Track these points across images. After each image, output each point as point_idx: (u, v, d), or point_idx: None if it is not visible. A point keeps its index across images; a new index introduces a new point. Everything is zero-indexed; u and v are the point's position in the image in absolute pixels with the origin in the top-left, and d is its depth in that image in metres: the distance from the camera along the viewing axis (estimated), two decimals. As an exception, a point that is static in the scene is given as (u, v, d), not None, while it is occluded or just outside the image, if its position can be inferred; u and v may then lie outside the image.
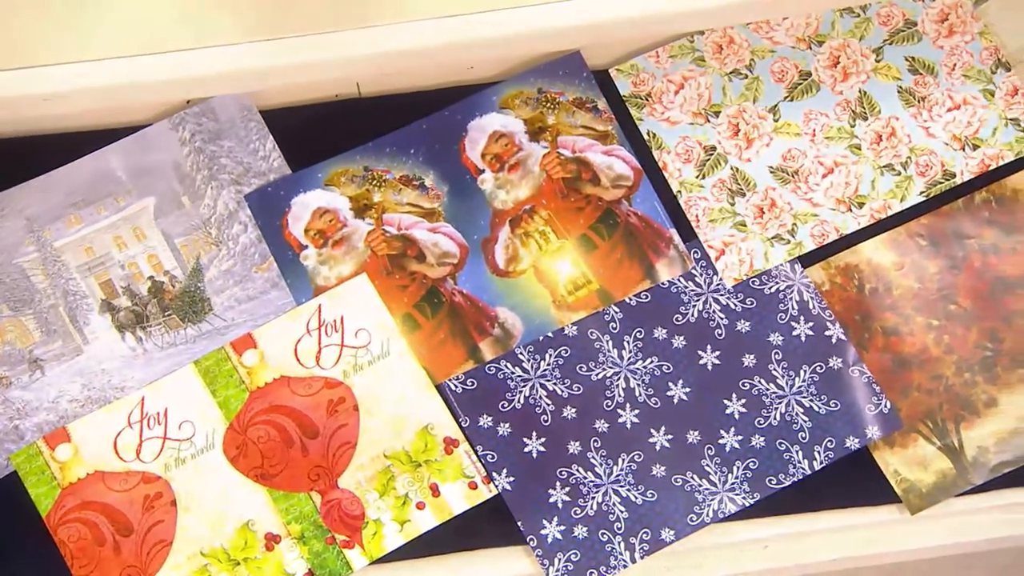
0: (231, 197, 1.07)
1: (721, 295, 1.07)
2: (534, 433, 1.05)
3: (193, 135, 1.07)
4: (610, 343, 1.06)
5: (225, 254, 1.06)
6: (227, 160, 1.07)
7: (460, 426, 1.05)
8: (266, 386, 1.04)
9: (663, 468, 1.04)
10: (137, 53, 1.00)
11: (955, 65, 1.09)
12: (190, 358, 1.04)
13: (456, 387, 1.05)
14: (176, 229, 1.06)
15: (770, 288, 1.07)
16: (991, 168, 1.08)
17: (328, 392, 1.04)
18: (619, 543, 1.03)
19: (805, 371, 1.05)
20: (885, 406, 1.04)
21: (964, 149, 1.08)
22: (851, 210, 1.07)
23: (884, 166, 1.08)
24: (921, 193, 1.07)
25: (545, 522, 1.04)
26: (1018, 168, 1.08)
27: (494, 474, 1.04)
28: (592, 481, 1.04)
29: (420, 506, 1.03)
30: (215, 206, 1.07)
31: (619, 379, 1.06)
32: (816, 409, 1.04)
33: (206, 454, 1.03)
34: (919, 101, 1.08)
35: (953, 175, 1.07)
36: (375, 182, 1.08)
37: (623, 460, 1.04)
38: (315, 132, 1.09)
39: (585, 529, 1.03)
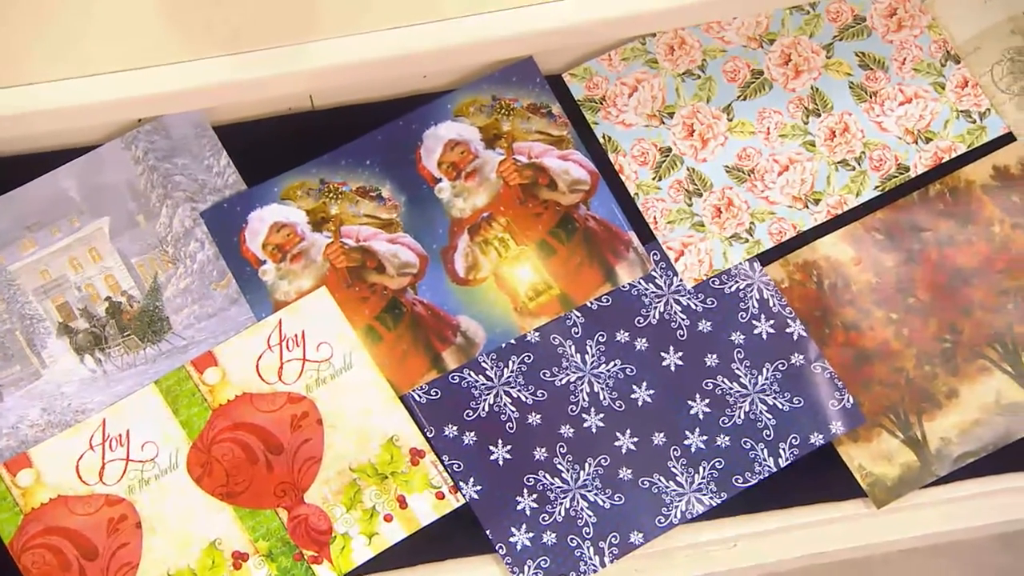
0: (187, 215, 1.06)
1: (682, 296, 1.07)
2: (500, 441, 1.05)
3: (146, 153, 1.06)
4: (573, 348, 1.06)
5: (183, 272, 1.05)
6: (181, 177, 1.06)
7: (425, 436, 1.05)
8: (229, 403, 1.03)
9: (630, 471, 1.04)
10: (87, 74, 0.99)
11: (905, 59, 1.09)
12: (151, 378, 1.04)
13: (420, 398, 1.05)
14: (132, 248, 1.05)
15: (730, 287, 1.07)
16: (944, 160, 1.08)
17: (291, 407, 1.04)
18: (588, 548, 1.03)
19: (767, 369, 1.05)
20: (848, 401, 1.05)
21: (917, 142, 1.08)
22: (807, 207, 1.08)
23: (838, 162, 1.08)
24: (876, 188, 1.08)
25: (514, 529, 1.03)
26: (971, 160, 1.08)
27: (461, 483, 1.04)
28: (559, 487, 1.04)
29: (388, 518, 1.03)
30: (171, 224, 1.06)
31: (583, 383, 1.06)
32: (780, 407, 1.05)
33: (170, 474, 1.02)
34: (871, 96, 1.09)
35: (907, 169, 1.08)
36: (332, 194, 1.07)
37: (590, 465, 1.04)
38: (270, 146, 1.08)
39: (554, 535, 1.03)
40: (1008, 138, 1.09)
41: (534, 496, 1.04)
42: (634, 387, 1.05)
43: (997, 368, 1.05)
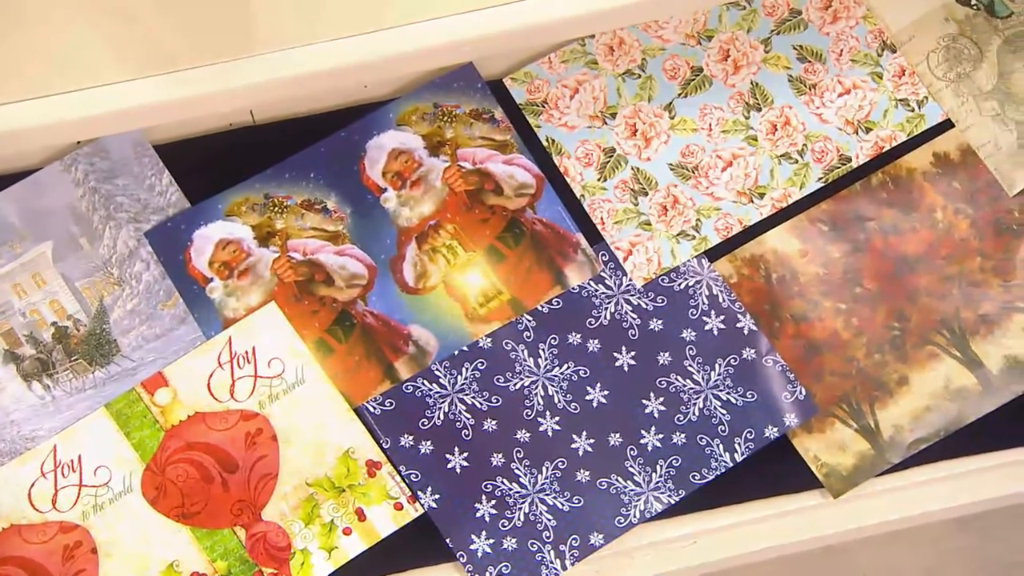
0: (130, 235, 1.05)
1: (632, 296, 1.07)
2: (456, 448, 1.05)
3: (86, 175, 1.05)
4: (525, 352, 1.06)
5: (129, 293, 1.05)
6: (123, 198, 1.05)
7: (381, 448, 1.04)
8: (181, 424, 1.03)
9: (587, 473, 1.04)
10: (23, 98, 0.98)
11: (842, 50, 1.10)
12: (101, 402, 1.03)
13: (374, 409, 1.05)
14: (76, 272, 1.04)
15: (679, 285, 1.07)
16: (885, 150, 1.09)
17: (245, 424, 1.03)
18: (549, 551, 1.03)
19: (720, 364, 1.06)
20: (800, 393, 1.05)
21: (857, 133, 1.09)
22: (752, 201, 1.08)
23: (781, 155, 1.09)
24: (819, 179, 1.09)
25: (474, 537, 1.03)
26: (911, 148, 1.09)
27: (419, 493, 1.04)
28: (518, 492, 1.04)
29: (347, 532, 1.03)
30: (115, 246, 1.05)
31: (537, 387, 1.05)
32: (733, 402, 1.05)
33: (124, 498, 1.01)
34: (810, 88, 1.10)
35: (849, 159, 1.09)
36: (277, 209, 1.07)
37: (547, 468, 1.04)
38: (212, 163, 1.08)
39: (514, 540, 1.03)
40: (947, 125, 1.10)
41: (493, 502, 1.04)
42: (588, 389, 1.06)
43: (945, 353, 1.06)
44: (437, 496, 1.04)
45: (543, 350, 1.06)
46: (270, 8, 1.01)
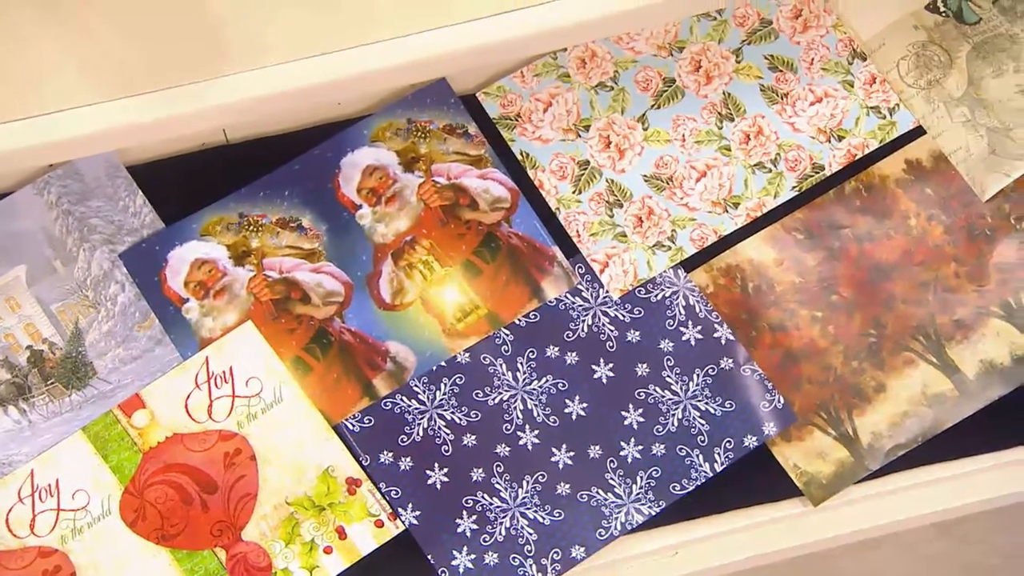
0: (105, 257, 1.05)
1: (609, 307, 1.07)
2: (436, 464, 1.04)
3: (60, 198, 1.05)
4: (504, 366, 1.06)
5: (104, 316, 1.04)
6: (97, 220, 1.05)
7: (361, 465, 1.04)
8: (159, 445, 1.02)
9: (568, 486, 1.04)
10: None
11: (813, 59, 1.11)
12: (78, 425, 1.02)
13: (353, 426, 1.05)
14: (51, 295, 1.04)
15: (656, 296, 1.07)
16: (857, 157, 1.09)
17: (223, 445, 1.03)
18: (531, 566, 1.03)
19: (698, 375, 1.06)
20: (779, 401, 1.05)
21: (830, 141, 1.09)
22: (727, 211, 1.08)
23: (755, 165, 1.09)
24: (793, 188, 1.09)
25: (455, 552, 1.03)
26: (883, 155, 1.10)
27: (399, 510, 1.04)
28: (498, 506, 1.04)
29: (328, 550, 1.02)
30: (89, 268, 1.05)
31: (516, 401, 1.05)
32: (712, 411, 1.05)
33: (103, 521, 1.01)
34: (782, 98, 1.10)
35: (822, 167, 1.09)
36: (252, 228, 1.07)
37: (527, 482, 1.04)
38: (186, 183, 1.08)
39: (496, 555, 1.03)
40: (918, 132, 1.10)
41: (474, 517, 1.04)
42: (567, 401, 1.06)
43: (922, 359, 1.06)
44: (418, 512, 1.04)
45: (521, 364, 1.06)
46: (241, 28, 1.01)
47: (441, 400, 1.05)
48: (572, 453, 1.05)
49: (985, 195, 1.09)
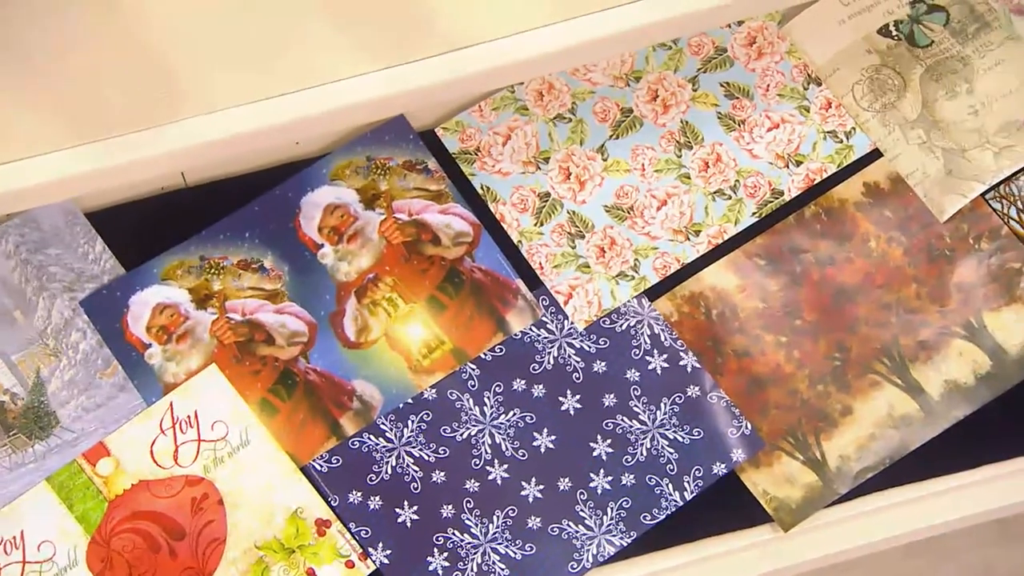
0: (65, 305, 1.04)
1: (574, 339, 1.07)
2: (406, 502, 1.04)
3: (17, 247, 1.04)
4: (471, 401, 1.06)
5: (66, 364, 1.03)
6: (57, 268, 1.04)
7: (330, 506, 1.03)
8: (125, 493, 1.02)
9: (538, 519, 1.04)
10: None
11: (769, 86, 1.11)
12: (42, 476, 1.01)
13: (321, 467, 1.04)
14: (11, 346, 1.03)
15: (621, 326, 1.07)
16: (816, 182, 1.10)
17: (190, 490, 1.02)
18: (503, 601, 1.03)
19: (665, 403, 1.06)
20: (746, 428, 1.05)
21: (788, 166, 1.10)
22: (689, 239, 1.09)
23: (715, 192, 1.10)
24: (753, 214, 1.09)
25: (427, 591, 1.03)
26: (842, 179, 1.10)
27: (370, 549, 1.03)
28: (469, 542, 1.03)
29: (298, 593, 1.02)
30: (50, 316, 1.04)
31: (484, 436, 1.05)
32: (680, 440, 1.05)
33: (70, 572, 1.00)
34: (739, 125, 1.11)
35: (781, 193, 1.10)
36: (213, 270, 1.06)
37: (498, 517, 1.04)
38: (145, 228, 1.07)
39: (468, 592, 1.03)
40: (875, 155, 1.11)
41: (445, 555, 1.03)
42: (535, 435, 1.05)
43: (887, 381, 1.06)
44: (388, 552, 1.03)
45: (488, 398, 1.06)
46: (196, 71, 1.01)
47: (409, 437, 1.05)
48: (542, 486, 1.05)
49: (943, 216, 1.09)
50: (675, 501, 1.04)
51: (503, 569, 1.03)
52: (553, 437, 1.05)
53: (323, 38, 1.03)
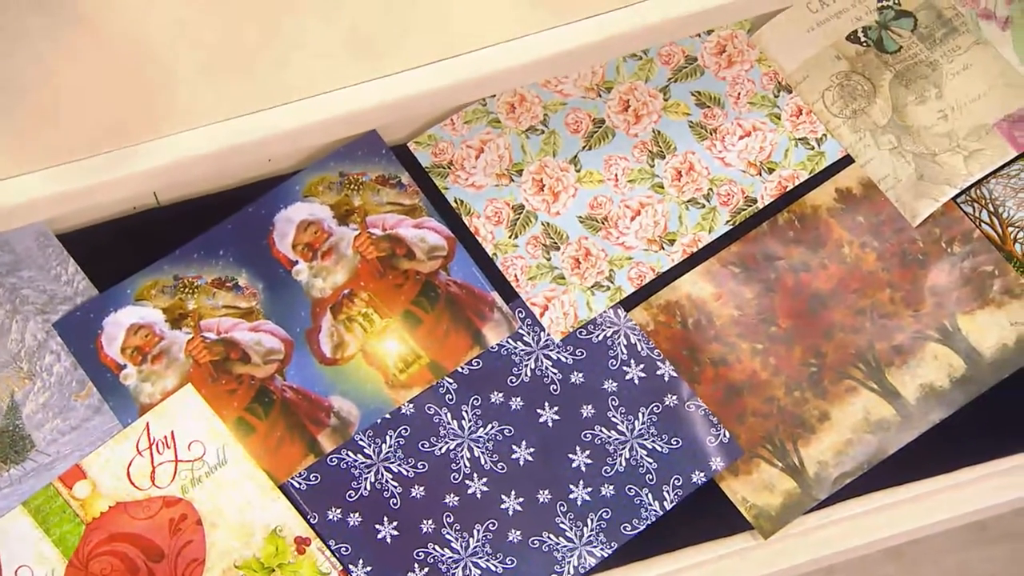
0: (39, 327, 1.04)
1: (551, 350, 1.07)
2: (385, 518, 1.04)
3: (-11, 270, 1.04)
4: (449, 415, 1.05)
5: (40, 387, 1.03)
6: (29, 290, 1.04)
7: (309, 523, 1.03)
8: (102, 516, 1.01)
9: (519, 532, 1.04)
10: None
11: (739, 94, 1.12)
12: (18, 500, 1.01)
13: (300, 484, 1.04)
14: (-15, 369, 1.03)
15: (597, 336, 1.07)
16: (789, 189, 1.10)
17: (168, 511, 1.02)
18: (485, 615, 1.03)
19: (643, 413, 1.06)
20: (724, 436, 1.06)
21: (761, 174, 1.10)
22: (663, 248, 1.09)
23: (688, 201, 1.10)
24: (727, 222, 1.10)
25: (408, 607, 1.02)
26: (814, 185, 1.11)
27: (350, 566, 1.03)
28: (450, 557, 1.03)
29: (279, 612, 1.01)
30: (23, 339, 1.03)
31: (463, 450, 1.05)
32: (659, 449, 1.05)
33: (48, 597, 1.00)
34: (711, 133, 1.11)
35: (754, 200, 1.10)
36: (187, 290, 1.06)
37: (478, 531, 1.04)
38: (118, 248, 1.07)
39: (450, 607, 1.03)
40: (847, 160, 1.11)
41: (426, 570, 1.03)
42: (514, 447, 1.05)
43: (863, 386, 1.07)
44: (369, 568, 1.03)
45: (466, 412, 1.06)
46: (167, 91, 1.01)
47: (387, 453, 1.05)
48: (521, 499, 1.04)
49: (916, 220, 1.10)
50: (655, 511, 1.04)
51: (484, 583, 1.03)
52: (532, 449, 1.05)
53: (293, 55, 1.03)
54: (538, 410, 1.06)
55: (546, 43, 1.04)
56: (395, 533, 1.03)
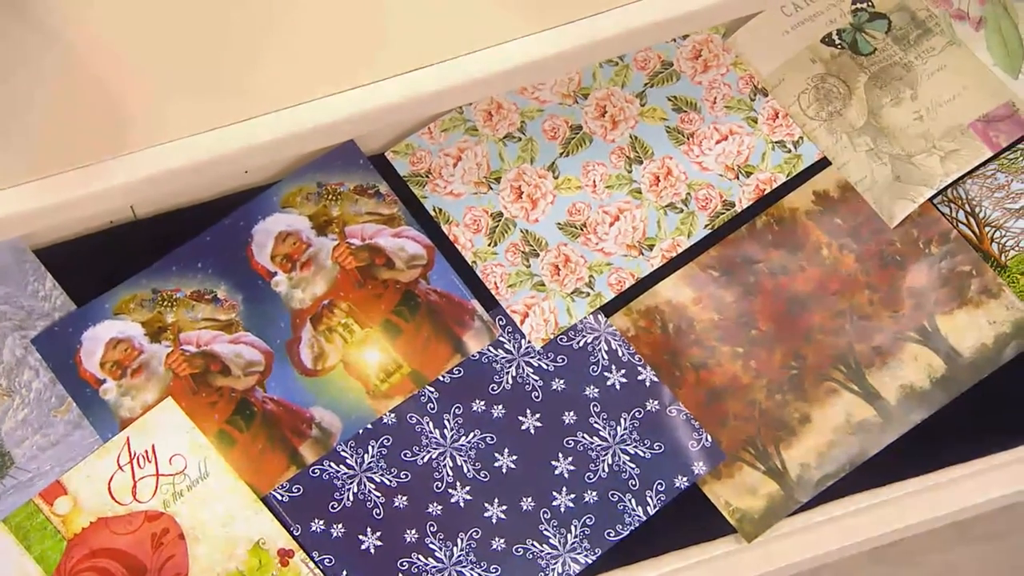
0: (17, 344, 1.03)
1: (532, 358, 1.07)
2: (368, 529, 1.03)
3: (-35, 287, 1.03)
4: (430, 424, 1.05)
5: (19, 403, 1.02)
6: (6, 307, 1.03)
7: (292, 535, 1.03)
8: (84, 531, 1.01)
9: (503, 540, 1.04)
10: None
11: (716, 98, 1.12)
12: (-2, 518, 1.00)
13: (282, 496, 1.03)
14: (-37, 387, 1.02)
15: (578, 343, 1.07)
16: (766, 192, 1.11)
17: (150, 526, 1.01)
18: (470, 624, 1.02)
19: (625, 419, 1.06)
20: (707, 440, 1.06)
21: (738, 178, 1.11)
22: (642, 253, 1.09)
23: (666, 205, 1.10)
24: (706, 226, 1.10)
25: (393, 617, 1.02)
26: (792, 188, 1.11)
27: (334, 578, 1.03)
28: (434, 566, 1.03)
29: (263, 625, 1.01)
30: (1, 356, 1.03)
31: (445, 459, 1.05)
32: (641, 454, 1.05)
33: (30, 614, 0.99)
34: (688, 138, 1.11)
35: (732, 204, 1.10)
36: (166, 303, 1.05)
37: (462, 540, 1.04)
38: (96, 262, 1.06)
39: (435, 616, 1.02)
40: (824, 163, 1.12)
41: (410, 580, 1.03)
42: (496, 455, 1.05)
43: (844, 388, 1.07)
44: (353, 579, 1.03)
45: (448, 420, 1.05)
46: (142, 104, 1.01)
47: (369, 463, 1.04)
48: (505, 507, 1.04)
49: (893, 221, 1.10)
50: (638, 516, 1.04)
51: (469, 592, 1.03)
52: (514, 457, 1.05)
53: (268, 66, 1.03)
54: (520, 417, 1.06)
55: (522, 50, 1.04)
56: (379, 543, 1.03)
